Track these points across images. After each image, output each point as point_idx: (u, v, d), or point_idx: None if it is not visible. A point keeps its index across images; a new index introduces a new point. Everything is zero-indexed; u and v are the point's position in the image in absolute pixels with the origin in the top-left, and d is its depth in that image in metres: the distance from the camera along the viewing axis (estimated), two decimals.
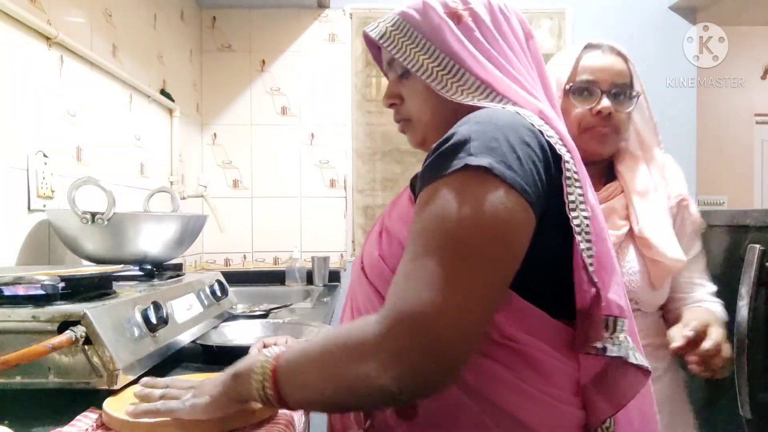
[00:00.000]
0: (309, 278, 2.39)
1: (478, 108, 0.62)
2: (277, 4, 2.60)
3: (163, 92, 2.04)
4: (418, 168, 0.62)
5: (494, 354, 0.59)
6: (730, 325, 1.35)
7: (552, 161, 0.58)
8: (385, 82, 2.72)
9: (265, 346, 0.92)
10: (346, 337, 0.54)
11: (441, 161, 0.56)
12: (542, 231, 0.57)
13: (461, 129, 0.57)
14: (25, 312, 0.76)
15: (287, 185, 2.65)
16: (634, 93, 1.09)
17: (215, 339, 1.18)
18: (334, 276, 2.47)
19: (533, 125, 0.59)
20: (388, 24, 0.72)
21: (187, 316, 1.09)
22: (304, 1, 2.57)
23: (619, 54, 1.10)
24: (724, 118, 3.27)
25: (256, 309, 1.63)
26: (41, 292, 0.83)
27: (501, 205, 0.52)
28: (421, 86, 0.69)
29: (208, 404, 0.62)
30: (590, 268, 0.58)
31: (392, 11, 0.73)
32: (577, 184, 0.59)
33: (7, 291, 0.83)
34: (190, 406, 0.63)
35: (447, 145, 0.57)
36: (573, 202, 0.58)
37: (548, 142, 0.59)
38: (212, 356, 1.08)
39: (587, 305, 0.59)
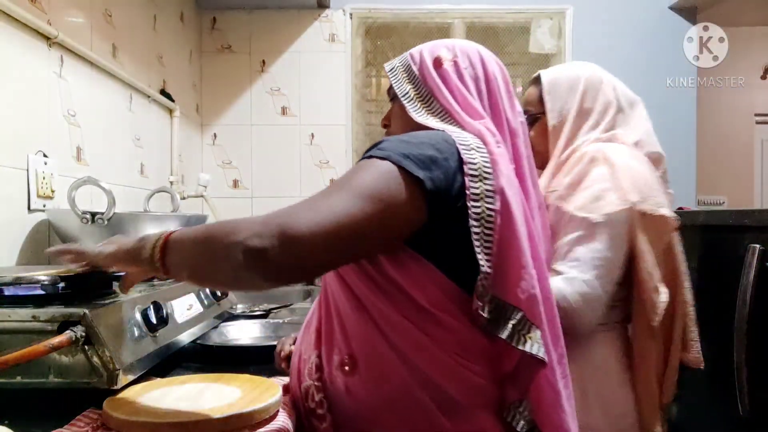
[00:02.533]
0: None
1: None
2: (277, 5, 2.60)
3: (163, 92, 2.04)
4: None
5: (419, 323, 0.70)
6: (730, 325, 1.35)
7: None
8: (384, 81, 2.73)
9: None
10: (227, 222, 0.66)
11: (364, 155, 0.73)
12: (457, 217, 0.69)
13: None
14: (25, 312, 0.76)
15: (287, 185, 2.65)
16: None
17: (215, 339, 1.18)
18: None
19: (451, 136, 0.74)
20: (399, 60, 0.89)
21: (187, 316, 1.09)
22: (304, 2, 2.57)
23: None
24: (724, 118, 3.27)
25: (256, 309, 1.63)
26: (41, 292, 0.83)
27: (385, 173, 0.67)
28: (401, 110, 0.84)
29: (110, 253, 0.73)
30: (478, 251, 0.68)
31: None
32: (488, 180, 0.71)
33: (7, 291, 0.83)
34: (97, 250, 0.74)
35: (372, 146, 0.73)
36: (476, 194, 0.70)
37: (458, 150, 0.72)
38: (212, 356, 1.08)
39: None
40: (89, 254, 0.75)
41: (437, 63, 0.83)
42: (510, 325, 0.69)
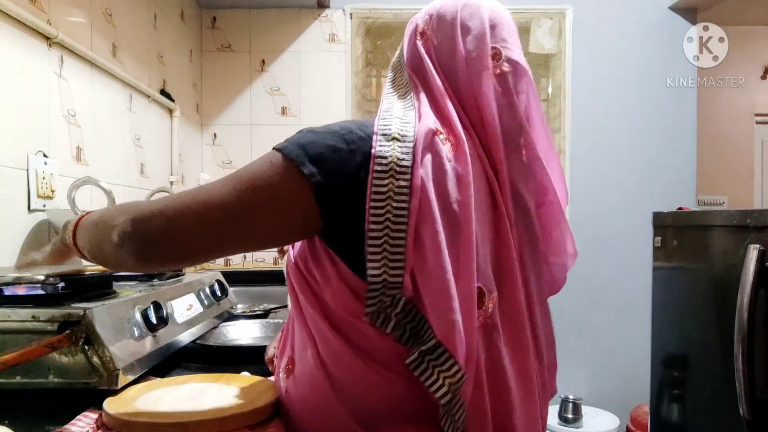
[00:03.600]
0: None
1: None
2: (277, 4, 2.60)
3: (163, 92, 2.04)
4: None
5: (338, 328, 0.66)
6: (730, 325, 1.35)
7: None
8: (383, 81, 2.73)
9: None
10: (122, 205, 0.69)
11: None
12: (363, 214, 0.63)
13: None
14: (25, 312, 0.76)
15: None
16: None
17: (215, 339, 1.18)
18: None
19: (375, 124, 0.67)
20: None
21: (187, 316, 1.09)
22: (304, 1, 2.57)
23: None
24: (724, 118, 3.27)
25: (256, 309, 1.63)
26: (41, 292, 0.83)
27: (269, 165, 0.64)
28: None
29: (48, 253, 0.80)
30: (376, 257, 0.61)
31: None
32: (402, 176, 0.62)
33: (7, 291, 0.83)
34: (42, 252, 0.81)
35: None
36: (381, 192, 0.62)
37: (372, 141, 0.65)
38: (212, 356, 1.08)
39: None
40: (36, 257, 0.82)
41: (418, 33, 0.76)
42: (417, 352, 0.61)
